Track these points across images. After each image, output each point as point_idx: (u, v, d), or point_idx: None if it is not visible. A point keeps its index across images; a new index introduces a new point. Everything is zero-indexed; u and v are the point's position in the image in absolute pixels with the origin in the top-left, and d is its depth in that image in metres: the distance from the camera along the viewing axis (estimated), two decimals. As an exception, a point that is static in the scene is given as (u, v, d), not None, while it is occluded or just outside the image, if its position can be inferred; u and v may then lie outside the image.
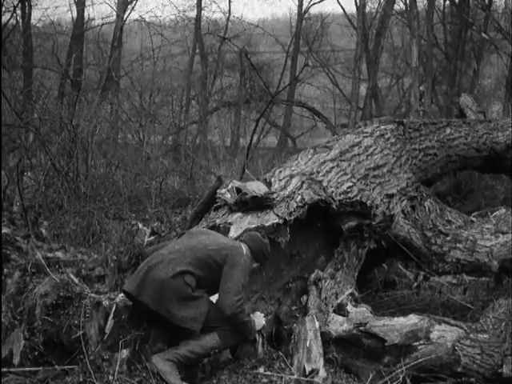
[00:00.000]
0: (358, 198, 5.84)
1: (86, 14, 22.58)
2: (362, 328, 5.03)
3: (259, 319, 4.57)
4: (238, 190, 5.28)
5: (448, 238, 6.73)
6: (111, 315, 4.29)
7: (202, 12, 23.63)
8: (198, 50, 23.47)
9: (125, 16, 22.10)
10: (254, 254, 4.60)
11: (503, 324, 5.31)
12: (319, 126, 26.75)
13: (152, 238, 6.16)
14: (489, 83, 23.61)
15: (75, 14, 21.66)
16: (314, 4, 26.65)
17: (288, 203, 5.22)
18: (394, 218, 6.26)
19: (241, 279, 4.32)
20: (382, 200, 6.13)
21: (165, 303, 4.18)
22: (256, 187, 5.22)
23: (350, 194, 5.79)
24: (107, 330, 4.28)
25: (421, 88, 16.99)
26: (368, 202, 5.91)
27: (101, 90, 19.40)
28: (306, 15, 26.42)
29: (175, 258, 4.32)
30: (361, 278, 6.30)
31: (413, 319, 5.13)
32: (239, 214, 5.11)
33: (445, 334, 5.07)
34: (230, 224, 5.00)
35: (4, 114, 10.02)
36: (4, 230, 5.05)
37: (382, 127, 7.05)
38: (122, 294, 4.44)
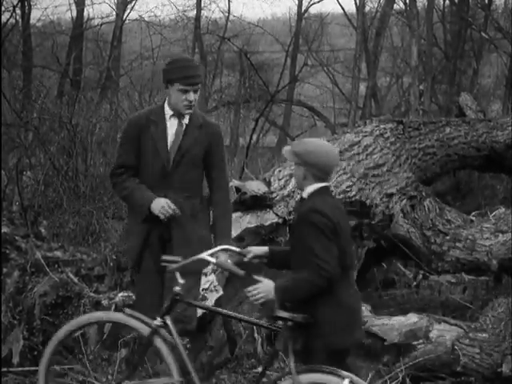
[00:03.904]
0: (357, 197, 5.84)
1: (85, 13, 22.57)
2: (361, 327, 5.02)
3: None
4: (238, 190, 5.28)
5: (447, 237, 6.72)
6: (110, 315, 4.28)
7: (202, 11, 23.64)
8: (197, 50, 23.45)
9: (124, 15, 22.09)
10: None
11: (503, 323, 5.31)
12: (319, 125, 26.76)
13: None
14: (488, 82, 23.56)
15: (75, 14, 21.68)
16: (314, 4, 26.69)
17: (287, 202, 5.22)
18: (393, 218, 6.26)
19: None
20: (381, 199, 6.13)
21: None
22: (255, 186, 5.21)
23: (349, 194, 5.78)
24: (106, 330, 4.28)
25: (420, 87, 16.97)
26: (367, 202, 5.91)
27: (100, 90, 19.41)
28: (306, 15, 26.43)
29: None
30: (360, 277, 6.29)
31: (412, 318, 5.13)
32: (238, 213, 5.10)
33: (444, 333, 5.07)
34: (230, 223, 4.98)
35: (3, 114, 10.00)
36: (3, 230, 5.04)
37: (382, 126, 7.03)
38: (121, 294, 4.44)
